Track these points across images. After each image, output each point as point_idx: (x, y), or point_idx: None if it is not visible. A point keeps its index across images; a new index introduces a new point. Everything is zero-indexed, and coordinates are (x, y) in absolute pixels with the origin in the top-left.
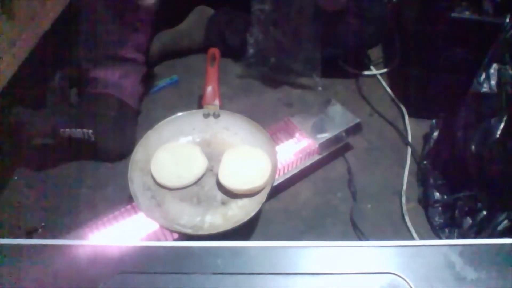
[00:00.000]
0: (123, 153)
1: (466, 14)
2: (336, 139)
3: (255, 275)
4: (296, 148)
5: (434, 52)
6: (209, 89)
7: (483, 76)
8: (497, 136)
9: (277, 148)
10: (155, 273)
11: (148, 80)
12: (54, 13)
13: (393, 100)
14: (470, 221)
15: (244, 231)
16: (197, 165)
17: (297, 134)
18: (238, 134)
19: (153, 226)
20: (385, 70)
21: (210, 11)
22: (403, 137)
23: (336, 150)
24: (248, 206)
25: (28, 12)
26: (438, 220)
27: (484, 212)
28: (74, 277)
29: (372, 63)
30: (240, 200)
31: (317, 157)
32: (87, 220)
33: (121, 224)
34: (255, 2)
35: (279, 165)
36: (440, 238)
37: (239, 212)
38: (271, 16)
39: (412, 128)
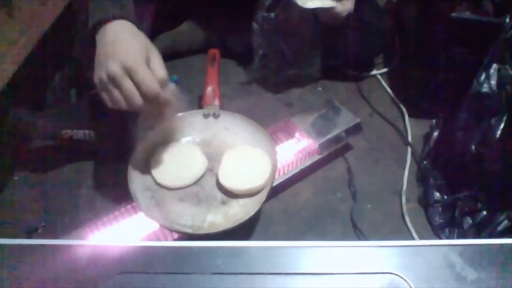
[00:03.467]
0: (123, 153)
1: (466, 14)
2: (336, 139)
3: (255, 275)
4: (296, 148)
5: (434, 52)
6: (209, 89)
7: (483, 76)
8: (497, 136)
9: (277, 148)
10: (155, 273)
11: None
12: (54, 13)
13: (393, 100)
14: (470, 221)
15: (244, 231)
16: (197, 165)
17: (297, 134)
18: (238, 134)
19: (153, 226)
20: (385, 70)
21: (210, 13)
22: (403, 137)
23: (336, 150)
24: (248, 206)
25: (28, 12)
26: (438, 220)
27: (484, 212)
28: (74, 277)
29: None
30: (240, 199)
31: (317, 157)
32: (87, 220)
33: (121, 224)
34: (260, 9)
35: (279, 165)
36: (440, 238)
37: (238, 212)
38: (274, 24)
39: (412, 128)
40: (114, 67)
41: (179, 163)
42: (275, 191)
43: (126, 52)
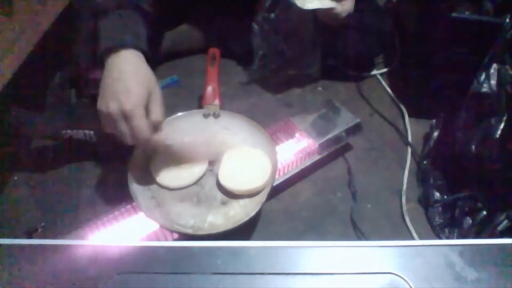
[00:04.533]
0: (123, 153)
1: (466, 14)
2: (336, 139)
3: (255, 275)
4: (296, 148)
5: (434, 52)
6: (209, 89)
7: (483, 76)
8: (497, 136)
9: (277, 148)
10: (155, 273)
11: None
12: (54, 13)
13: (393, 100)
14: (470, 221)
15: (244, 231)
16: (197, 165)
17: (297, 134)
18: (238, 134)
19: (153, 226)
20: (385, 70)
21: (210, 13)
22: (403, 137)
23: (336, 150)
24: (248, 206)
25: (28, 12)
26: (438, 220)
27: (484, 212)
28: (74, 277)
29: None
30: (240, 200)
31: (317, 157)
32: (87, 220)
33: (121, 224)
34: (260, 10)
35: (279, 165)
36: (440, 238)
37: (239, 212)
38: (274, 24)
39: (412, 128)
40: (114, 108)
41: (179, 163)
42: (275, 191)
43: (128, 94)
